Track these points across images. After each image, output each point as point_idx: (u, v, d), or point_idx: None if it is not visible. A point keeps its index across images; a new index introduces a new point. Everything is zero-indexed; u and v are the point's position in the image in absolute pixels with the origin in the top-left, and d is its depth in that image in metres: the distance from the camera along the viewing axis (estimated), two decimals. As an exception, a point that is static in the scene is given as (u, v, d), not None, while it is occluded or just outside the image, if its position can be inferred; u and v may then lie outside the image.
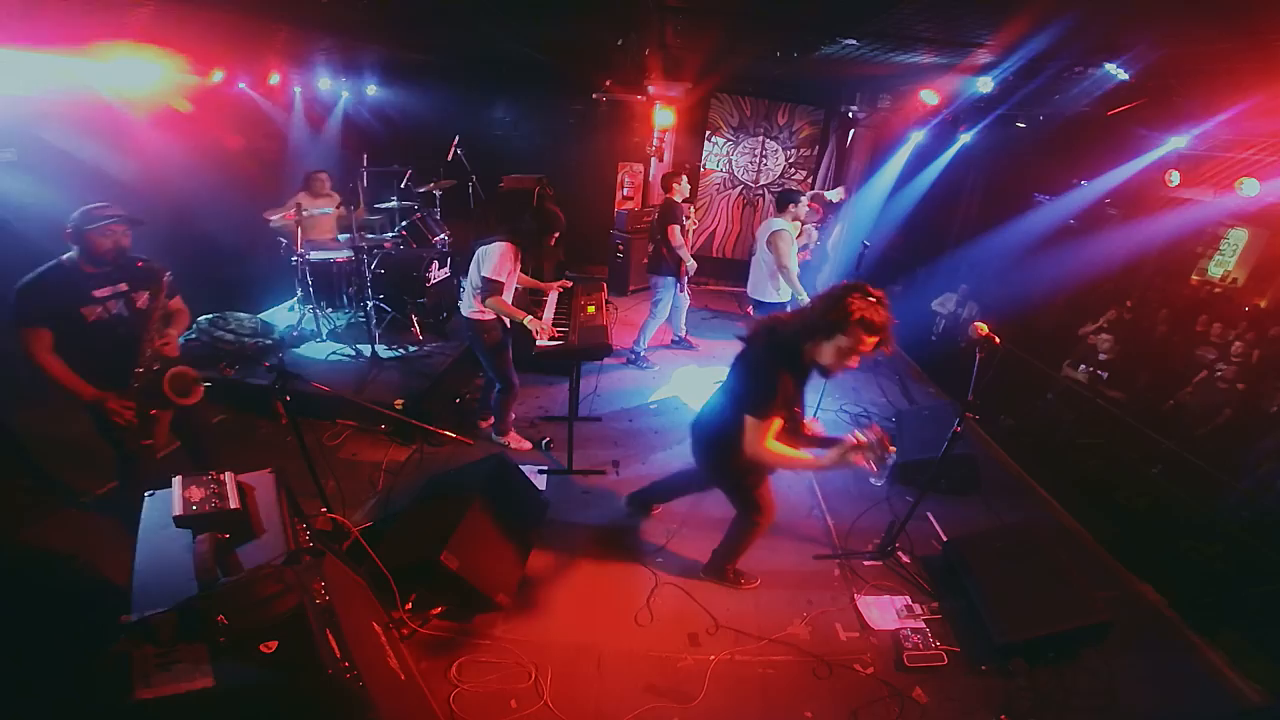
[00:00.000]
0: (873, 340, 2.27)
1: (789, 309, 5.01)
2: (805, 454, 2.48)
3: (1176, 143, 4.42)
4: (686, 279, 5.48)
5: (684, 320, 6.15)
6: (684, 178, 5.45)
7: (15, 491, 3.23)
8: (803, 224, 4.96)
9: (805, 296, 4.68)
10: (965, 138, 6.57)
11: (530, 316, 3.66)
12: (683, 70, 6.44)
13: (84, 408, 2.58)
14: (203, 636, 1.49)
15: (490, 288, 3.56)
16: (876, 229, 7.57)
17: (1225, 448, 4.42)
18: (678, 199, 5.36)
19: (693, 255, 5.53)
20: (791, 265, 4.73)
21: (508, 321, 3.90)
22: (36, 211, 4.03)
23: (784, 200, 4.86)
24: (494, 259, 3.57)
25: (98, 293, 2.63)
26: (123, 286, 2.71)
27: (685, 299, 5.86)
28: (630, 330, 6.19)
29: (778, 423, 2.38)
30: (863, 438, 2.29)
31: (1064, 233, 6.55)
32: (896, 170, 7.70)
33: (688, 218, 5.40)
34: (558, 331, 3.78)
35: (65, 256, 2.59)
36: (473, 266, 3.77)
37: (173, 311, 2.93)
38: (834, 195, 5.96)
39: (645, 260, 6.23)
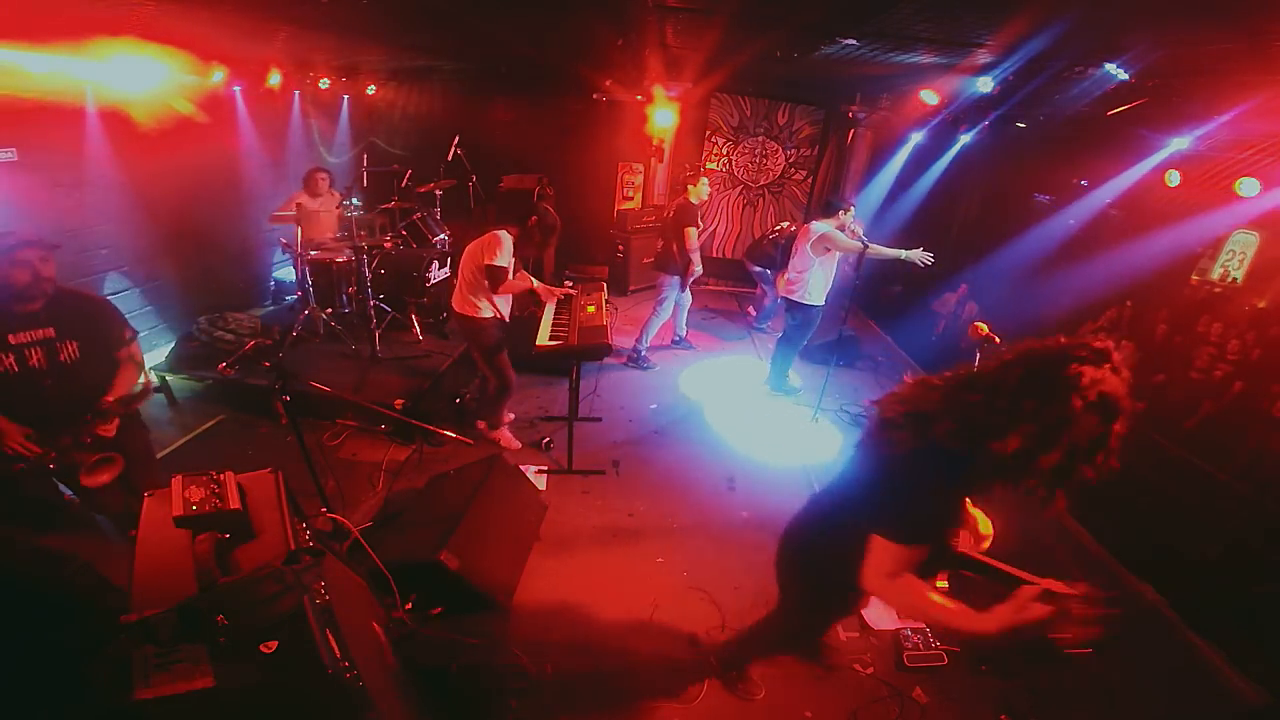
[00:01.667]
0: (1119, 429, 1.39)
1: (819, 313, 5.06)
2: (956, 606, 1.55)
3: (1179, 144, 4.43)
4: (690, 280, 5.48)
5: (685, 320, 6.15)
6: (704, 180, 5.40)
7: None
8: (846, 229, 5.01)
9: (866, 244, 4.66)
10: (965, 138, 6.57)
11: (539, 284, 3.75)
12: (683, 70, 6.43)
13: None
14: (203, 636, 1.49)
15: (497, 274, 3.57)
16: (876, 229, 7.58)
17: (1223, 447, 4.42)
18: (694, 200, 5.35)
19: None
20: (852, 245, 4.77)
21: (506, 315, 3.88)
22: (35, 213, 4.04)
23: (831, 208, 4.96)
24: (497, 247, 3.59)
25: (14, 338, 2.24)
26: (48, 333, 2.29)
27: (688, 298, 5.86)
28: (631, 330, 6.20)
29: (921, 554, 1.58)
30: (1058, 592, 1.47)
31: (1064, 232, 6.55)
32: (896, 170, 7.71)
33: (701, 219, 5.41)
34: (558, 330, 3.79)
35: None
36: (465, 262, 3.75)
37: (120, 361, 2.51)
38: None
39: (650, 259, 6.20)
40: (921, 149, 7.41)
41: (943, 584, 1.73)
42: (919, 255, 4.67)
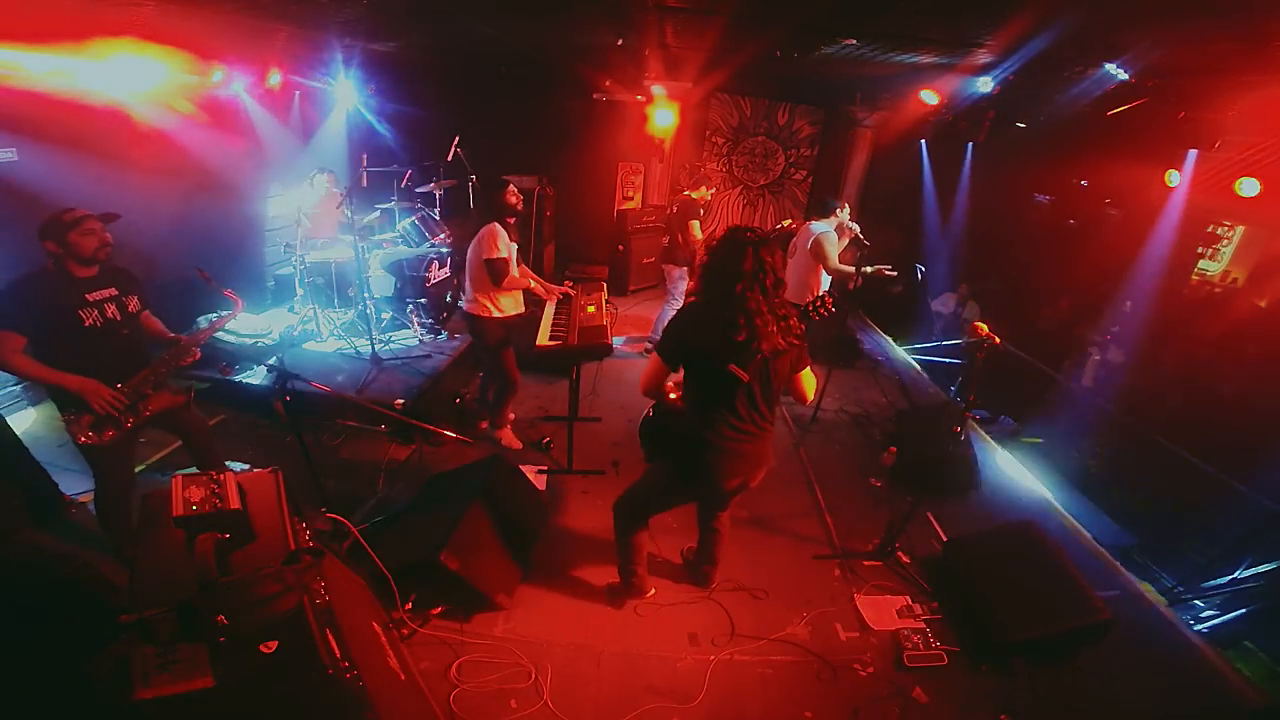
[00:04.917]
0: None
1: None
2: None
3: (1180, 145, 4.43)
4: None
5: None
6: (708, 183, 5.66)
7: (14, 492, 3.23)
8: (844, 226, 5.01)
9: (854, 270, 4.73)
10: (965, 137, 6.57)
11: (538, 282, 3.78)
12: (683, 70, 6.44)
13: (63, 406, 2.55)
14: (203, 636, 1.49)
15: (497, 267, 3.57)
16: (878, 230, 7.58)
17: (1223, 445, 4.43)
18: (694, 196, 5.52)
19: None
20: (837, 264, 4.78)
21: (513, 313, 3.88)
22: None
23: (826, 207, 4.94)
24: (487, 241, 3.59)
25: (91, 296, 2.61)
26: (113, 291, 2.69)
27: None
28: (631, 331, 6.22)
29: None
30: None
31: (1064, 232, 6.56)
32: (898, 174, 7.71)
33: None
34: (558, 330, 3.78)
35: (50, 262, 2.55)
36: (469, 260, 3.76)
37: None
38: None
39: (651, 259, 6.31)
40: (921, 150, 7.42)
41: None
42: (881, 269, 4.72)
